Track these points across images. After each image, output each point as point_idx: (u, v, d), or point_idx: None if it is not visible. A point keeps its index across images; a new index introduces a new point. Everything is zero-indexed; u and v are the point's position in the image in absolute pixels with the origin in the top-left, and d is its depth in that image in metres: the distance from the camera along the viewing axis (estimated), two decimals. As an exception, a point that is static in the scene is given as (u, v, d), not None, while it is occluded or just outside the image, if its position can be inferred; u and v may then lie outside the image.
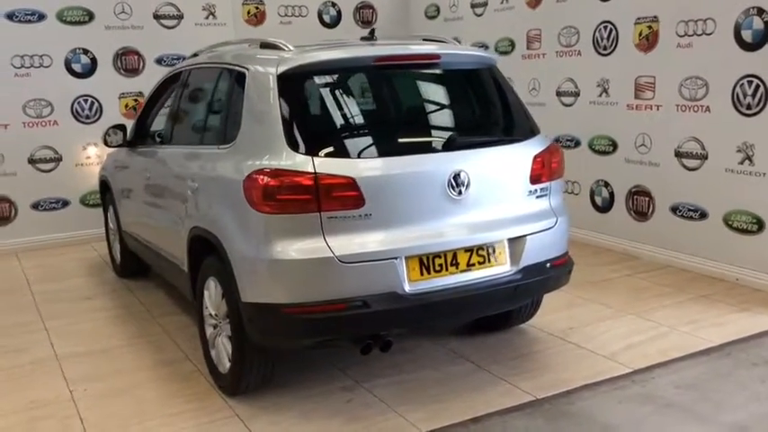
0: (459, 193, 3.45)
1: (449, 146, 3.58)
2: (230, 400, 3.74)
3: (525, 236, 3.64)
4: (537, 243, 3.69)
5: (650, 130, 5.86)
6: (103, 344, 4.61)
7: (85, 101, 7.25)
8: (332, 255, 3.22)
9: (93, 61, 7.23)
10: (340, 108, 3.55)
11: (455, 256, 3.47)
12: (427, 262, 3.41)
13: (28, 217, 7.16)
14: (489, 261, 3.57)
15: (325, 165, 3.25)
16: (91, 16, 7.17)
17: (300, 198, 3.22)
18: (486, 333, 4.47)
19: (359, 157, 3.37)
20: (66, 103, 7.17)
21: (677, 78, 5.53)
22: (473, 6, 7.71)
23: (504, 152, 3.73)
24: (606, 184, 6.37)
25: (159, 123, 5.07)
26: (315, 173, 3.22)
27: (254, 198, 3.29)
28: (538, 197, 3.76)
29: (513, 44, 7.21)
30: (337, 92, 3.59)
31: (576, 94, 6.54)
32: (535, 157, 3.73)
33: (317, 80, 3.55)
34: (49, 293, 5.75)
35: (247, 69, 3.67)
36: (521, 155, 3.72)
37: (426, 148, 3.59)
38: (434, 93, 3.90)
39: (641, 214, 6.05)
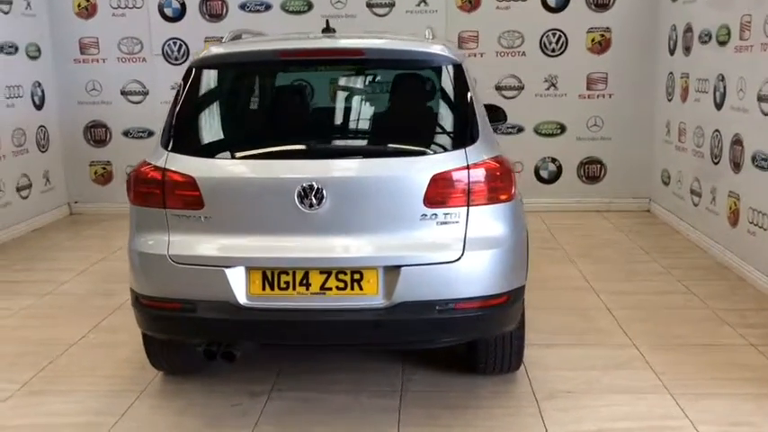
0: (311, 206, 3.05)
1: (306, 154, 3.18)
2: (160, 377, 3.91)
3: (401, 266, 3.06)
4: (421, 278, 3.08)
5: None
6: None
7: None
8: (165, 253, 3.17)
9: (311, 47, 7.80)
10: (217, 105, 3.42)
11: (306, 275, 3.10)
12: (271, 277, 3.12)
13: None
14: (353, 288, 3.10)
15: (175, 161, 3.20)
16: (310, 6, 7.72)
17: (150, 192, 3.23)
18: (459, 373, 3.86)
19: (209, 157, 3.22)
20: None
21: None
22: (704, -14, 6.31)
23: (383, 165, 3.15)
24: (792, 222, 4.78)
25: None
26: (164, 168, 3.19)
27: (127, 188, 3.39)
28: (440, 224, 3.11)
29: (729, 33, 5.74)
30: (223, 88, 3.44)
31: (775, 100, 4.99)
32: (438, 175, 3.08)
33: (214, 75, 3.44)
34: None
35: (197, 62, 3.73)
36: (411, 170, 3.11)
37: (281, 155, 3.22)
38: (341, 93, 3.46)
39: (818, 268, 4.43)
